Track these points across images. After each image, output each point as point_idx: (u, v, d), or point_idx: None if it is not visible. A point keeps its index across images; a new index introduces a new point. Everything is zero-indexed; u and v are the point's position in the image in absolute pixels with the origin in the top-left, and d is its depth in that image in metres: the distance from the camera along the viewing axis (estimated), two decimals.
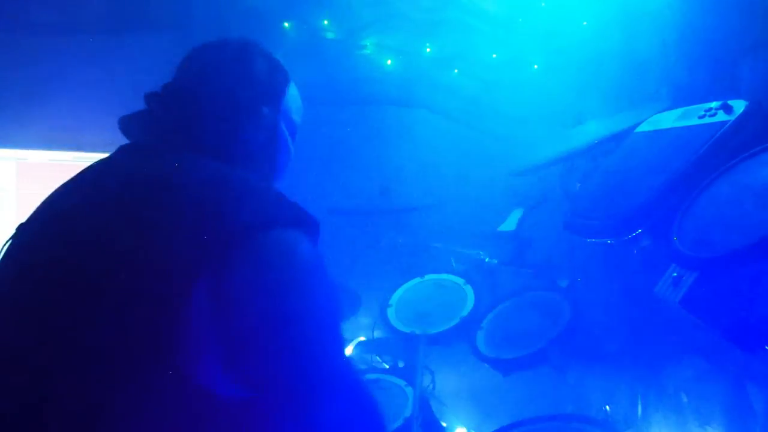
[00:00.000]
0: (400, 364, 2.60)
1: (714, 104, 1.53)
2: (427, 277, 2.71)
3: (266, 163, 1.20)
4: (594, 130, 2.35)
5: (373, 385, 2.30)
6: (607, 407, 2.21)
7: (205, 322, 0.85)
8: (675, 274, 1.45)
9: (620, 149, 1.93)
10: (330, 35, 3.29)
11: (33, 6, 3.16)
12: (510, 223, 2.56)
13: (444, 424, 2.35)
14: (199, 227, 0.89)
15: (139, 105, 1.14)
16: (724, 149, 1.43)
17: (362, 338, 2.78)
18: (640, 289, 2.29)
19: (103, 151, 1.14)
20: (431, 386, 2.55)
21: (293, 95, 1.31)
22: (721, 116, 1.48)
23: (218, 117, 1.13)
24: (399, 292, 2.66)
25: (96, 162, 1.09)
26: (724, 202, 1.32)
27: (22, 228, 1.03)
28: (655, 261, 2.25)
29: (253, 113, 1.17)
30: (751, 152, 1.35)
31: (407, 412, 2.09)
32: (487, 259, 2.67)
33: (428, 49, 3.31)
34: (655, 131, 1.76)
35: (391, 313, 2.56)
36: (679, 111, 1.72)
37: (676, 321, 2.25)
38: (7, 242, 1.01)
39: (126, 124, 1.13)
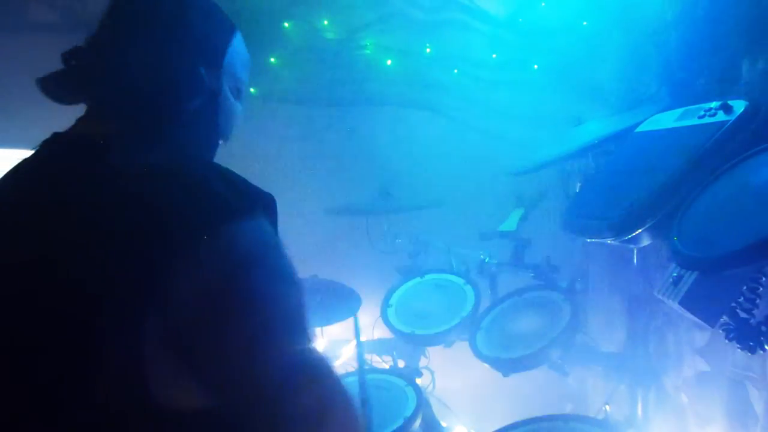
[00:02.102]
0: (400, 364, 2.60)
1: (714, 104, 1.53)
2: (427, 277, 2.71)
3: (207, 132, 1.09)
4: (594, 130, 2.35)
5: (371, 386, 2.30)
6: (607, 407, 2.21)
7: (164, 335, 0.81)
8: (675, 274, 1.45)
9: (620, 149, 1.93)
10: (330, 35, 3.29)
11: (34, 6, 3.17)
12: (510, 223, 2.56)
13: (444, 424, 2.35)
14: (144, 240, 0.83)
15: None
16: (724, 149, 1.43)
17: (362, 338, 2.78)
18: (640, 289, 2.29)
19: None
20: (431, 386, 2.55)
21: (238, 49, 1.15)
22: (721, 116, 1.48)
23: (147, 83, 1.00)
24: (399, 292, 2.66)
25: (23, 164, 0.99)
26: (724, 202, 1.32)
27: None
28: (656, 261, 2.25)
29: (189, 75, 1.03)
30: (751, 152, 1.35)
31: (407, 412, 2.09)
32: (487, 259, 2.67)
33: (428, 49, 3.31)
34: (655, 131, 1.76)
35: (391, 313, 2.56)
36: (679, 111, 1.71)
37: (676, 321, 2.25)
38: None
39: (46, 86, 1.01)
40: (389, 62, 3.32)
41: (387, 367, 2.61)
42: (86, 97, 1.02)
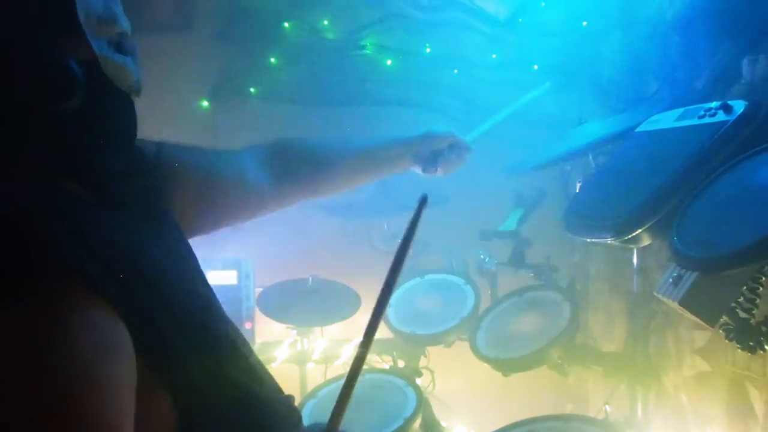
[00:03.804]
0: (400, 364, 2.60)
1: (714, 104, 1.53)
2: (427, 277, 2.71)
3: (108, 104, 0.77)
4: (594, 130, 2.35)
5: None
6: (607, 407, 2.21)
7: None
8: (675, 274, 1.45)
9: (620, 149, 1.93)
10: (330, 35, 3.29)
11: None
12: (510, 223, 2.56)
13: (444, 424, 2.35)
14: None
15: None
16: (724, 149, 1.43)
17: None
18: (640, 289, 2.29)
19: None
20: (431, 386, 2.55)
21: None
22: (721, 116, 1.48)
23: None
24: (399, 292, 2.66)
25: None
26: (724, 202, 1.32)
27: None
28: (656, 261, 2.25)
29: (55, 75, 0.69)
30: (751, 152, 1.35)
31: (407, 412, 2.09)
32: (487, 259, 2.67)
33: (428, 49, 3.31)
34: (655, 131, 1.76)
35: (391, 313, 2.56)
36: (679, 111, 1.72)
37: (676, 321, 2.25)
38: None
39: None
40: (389, 62, 3.32)
41: (387, 367, 2.61)
42: None
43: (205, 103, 3.27)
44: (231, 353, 0.81)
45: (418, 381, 2.35)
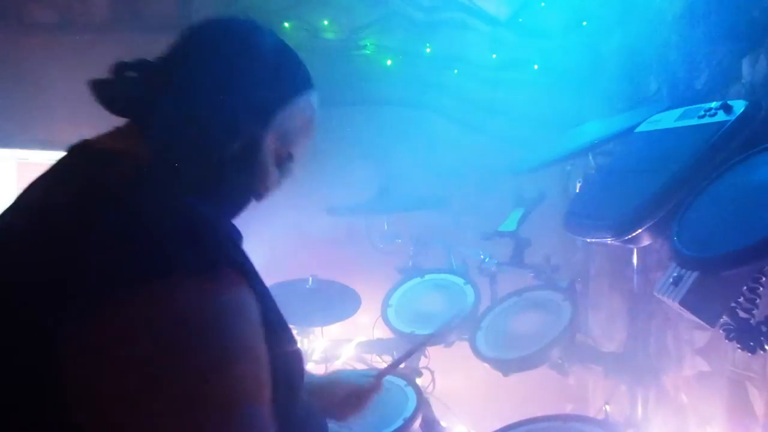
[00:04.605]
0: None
1: (714, 104, 1.53)
2: (427, 277, 2.71)
3: (237, 185, 0.97)
4: (594, 130, 2.35)
5: None
6: (607, 407, 2.21)
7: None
8: (675, 274, 1.44)
9: (620, 149, 1.93)
10: (330, 35, 3.30)
11: (34, 6, 3.17)
12: (510, 223, 2.56)
13: (444, 424, 2.34)
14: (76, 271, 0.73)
15: None
16: (724, 149, 1.43)
17: (362, 338, 2.78)
18: (640, 289, 2.29)
19: None
20: (431, 386, 2.55)
21: (303, 112, 1.02)
22: (721, 116, 1.48)
23: (187, 117, 0.89)
24: (399, 292, 2.65)
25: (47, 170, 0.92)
26: (724, 202, 1.32)
27: None
28: (656, 261, 2.25)
29: (227, 117, 0.91)
30: (751, 152, 1.35)
31: (407, 413, 2.09)
32: (487, 259, 2.67)
33: (428, 49, 3.31)
34: (655, 131, 1.76)
35: (391, 313, 2.56)
36: (679, 111, 1.72)
37: (676, 321, 2.25)
38: None
39: (99, 91, 0.93)
40: (389, 62, 3.32)
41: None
42: (130, 113, 0.94)
43: None
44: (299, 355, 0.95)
45: (418, 381, 2.34)
